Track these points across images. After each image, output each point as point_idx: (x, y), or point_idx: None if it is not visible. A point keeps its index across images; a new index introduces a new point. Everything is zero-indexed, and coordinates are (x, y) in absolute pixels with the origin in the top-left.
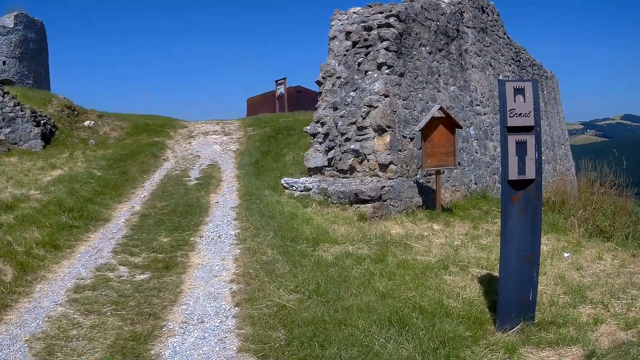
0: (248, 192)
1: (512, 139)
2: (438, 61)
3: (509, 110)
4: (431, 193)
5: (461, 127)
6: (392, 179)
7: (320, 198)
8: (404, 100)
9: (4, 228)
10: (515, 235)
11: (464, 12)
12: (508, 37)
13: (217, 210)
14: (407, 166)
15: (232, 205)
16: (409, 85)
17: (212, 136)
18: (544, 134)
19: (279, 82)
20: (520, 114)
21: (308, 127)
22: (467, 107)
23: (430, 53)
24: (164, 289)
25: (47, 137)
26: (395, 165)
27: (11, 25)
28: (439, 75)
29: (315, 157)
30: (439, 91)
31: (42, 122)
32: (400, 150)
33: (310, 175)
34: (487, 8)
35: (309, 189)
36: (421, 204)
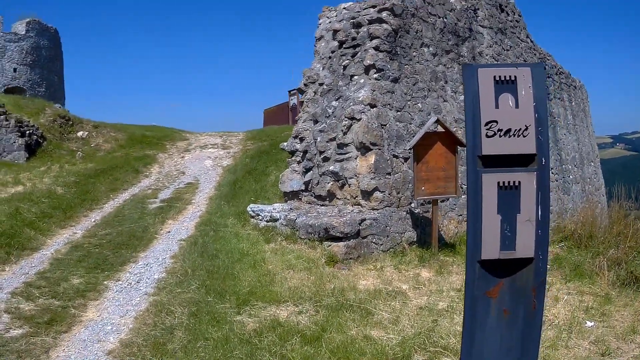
0: (209, 220)
1: (490, 181)
2: (445, 65)
3: (486, 125)
4: (429, 226)
5: (464, 145)
6: (377, 209)
7: (287, 231)
8: (398, 111)
9: None
10: None
11: (478, 9)
12: (531, 41)
13: (161, 244)
14: (398, 193)
15: (182, 236)
16: (405, 93)
17: (209, 150)
18: (572, 150)
19: (292, 92)
20: (509, 130)
21: (285, 144)
22: None
23: (434, 55)
24: (27, 354)
25: (32, 149)
26: (382, 192)
27: (23, 32)
28: (446, 82)
29: (291, 179)
30: (445, 101)
31: (27, 132)
32: (389, 174)
33: (286, 201)
34: (506, 7)
35: (275, 220)
36: (415, 240)
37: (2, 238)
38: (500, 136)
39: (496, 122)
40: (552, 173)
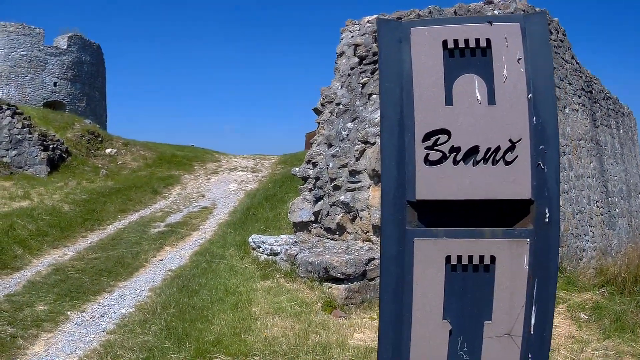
0: (208, 249)
1: (430, 254)
2: None
3: (425, 139)
4: None
5: None
6: None
7: (287, 267)
8: None
9: None
10: None
11: None
12: (577, 63)
13: (147, 273)
14: None
15: (173, 266)
16: None
17: (238, 173)
18: (620, 181)
19: None
20: (474, 151)
21: (297, 169)
22: None
23: None
24: None
25: (54, 163)
26: None
27: (64, 47)
28: None
29: (302, 208)
30: None
31: (51, 146)
32: None
33: (295, 232)
34: (549, 25)
35: (276, 254)
36: None
37: None
38: (455, 162)
39: (447, 133)
40: (597, 206)
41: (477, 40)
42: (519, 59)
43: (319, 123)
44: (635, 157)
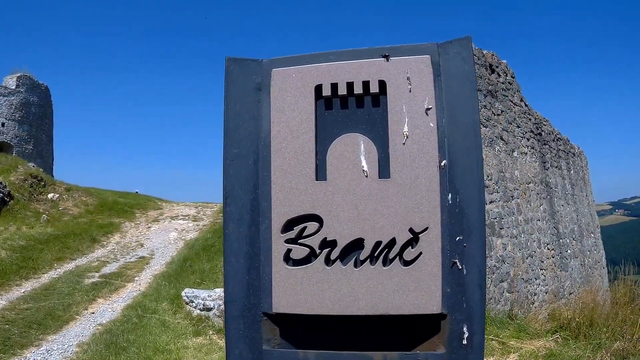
0: (141, 303)
1: None
2: None
3: (286, 229)
4: None
5: None
6: None
7: (220, 324)
8: None
9: None
10: None
11: None
12: (526, 105)
13: (77, 327)
14: None
15: (104, 320)
16: None
17: (179, 221)
18: (571, 222)
19: None
20: (349, 242)
21: None
22: None
23: None
24: None
25: None
26: None
27: (13, 87)
28: None
29: None
30: None
31: None
32: None
33: None
34: (497, 67)
35: (209, 309)
36: None
37: None
38: (328, 261)
39: (318, 220)
40: (548, 249)
41: (366, 84)
42: (428, 109)
43: None
44: (587, 196)
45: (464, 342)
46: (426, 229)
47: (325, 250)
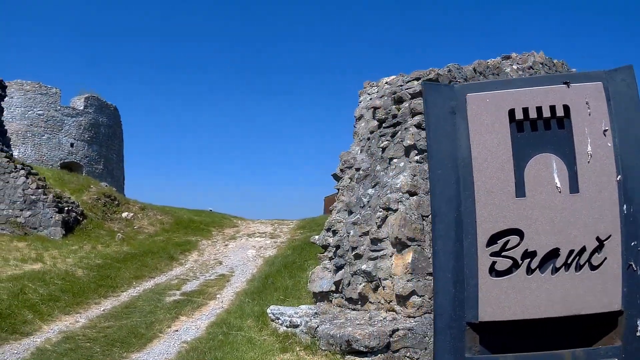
0: (224, 320)
1: None
2: None
3: (491, 243)
4: None
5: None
6: (414, 316)
7: (307, 340)
8: None
9: None
10: None
11: None
12: None
13: (161, 345)
14: None
15: (188, 338)
16: None
17: (256, 239)
18: None
19: None
20: (554, 255)
21: (317, 237)
22: None
23: None
24: None
25: (69, 226)
26: (420, 296)
27: (81, 107)
28: None
29: (322, 277)
30: None
31: (66, 208)
32: (430, 274)
33: (315, 302)
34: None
35: (296, 326)
36: None
37: None
38: (529, 270)
39: (519, 233)
40: None
41: (553, 108)
42: (605, 130)
43: (338, 189)
44: None
45: (638, 334)
46: (609, 236)
47: (526, 261)
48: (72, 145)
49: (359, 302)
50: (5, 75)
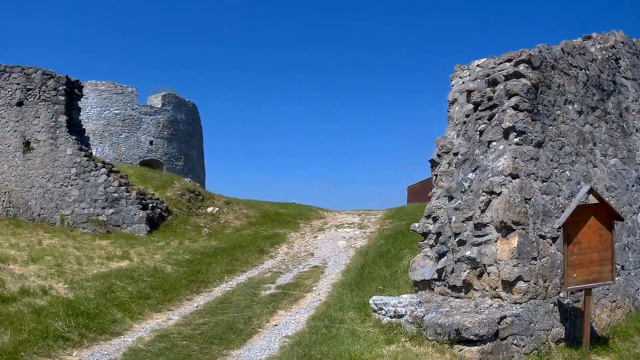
0: (325, 313)
1: None
2: (592, 124)
3: None
4: (579, 318)
5: (622, 219)
6: (520, 302)
7: (412, 330)
8: (543, 181)
9: None
10: None
11: (619, 59)
12: None
13: (262, 340)
14: (544, 282)
15: (288, 332)
16: (551, 160)
17: (345, 229)
18: None
19: None
20: None
21: (416, 225)
22: (632, 185)
23: (580, 113)
24: None
25: (154, 222)
26: (526, 281)
27: (159, 105)
28: (594, 144)
29: (423, 266)
30: (595, 166)
31: (150, 205)
32: (534, 259)
33: (417, 291)
34: None
35: (400, 315)
36: (563, 337)
37: (82, 318)
38: None
39: None
40: None
41: None
42: None
43: (436, 175)
44: None
45: None
46: None
47: None
48: (151, 143)
49: (463, 290)
50: (79, 77)
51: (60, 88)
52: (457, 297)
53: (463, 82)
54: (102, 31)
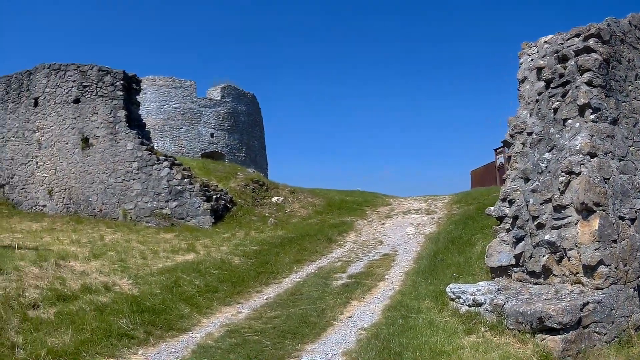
0: (400, 302)
1: None
2: None
3: None
4: None
5: None
6: (601, 288)
7: (493, 319)
8: (620, 160)
9: (25, 325)
10: None
11: None
12: None
13: (336, 333)
14: (625, 266)
15: (364, 324)
16: (626, 137)
17: (412, 216)
18: None
19: (498, 150)
20: None
21: (492, 208)
22: None
23: None
24: None
25: (219, 213)
26: (607, 266)
27: (218, 98)
28: None
29: (500, 251)
30: None
31: (214, 196)
32: (615, 242)
33: (493, 278)
34: None
35: (479, 304)
36: None
37: (147, 314)
38: None
39: None
40: None
41: None
42: None
43: (510, 156)
44: None
45: None
46: None
47: None
48: (212, 135)
49: (542, 276)
50: (135, 73)
51: (118, 83)
52: (536, 284)
53: (532, 60)
54: (159, 27)
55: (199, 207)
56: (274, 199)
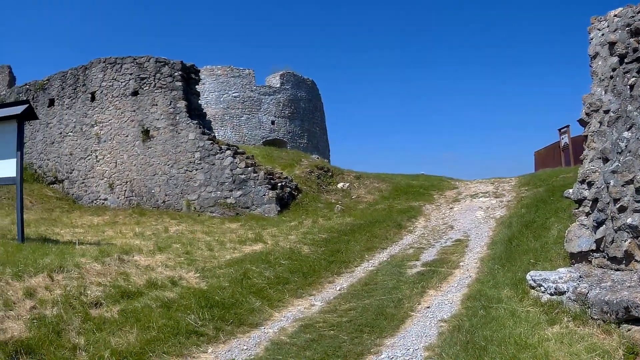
0: (479, 291)
1: None
2: None
3: None
4: None
5: None
6: None
7: (576, 309)
8: None
9: (87, 325)
10: None
11: None
12: None
13: (415, 325)
14: None
15: (443, 315)
16: None
17: (480, 199)
18: None
19: (562, 130)
20: None
21: (570, 191)
22: None
23: None
24: None
25: (284, 201)
26: None
27: (277, 85)
28: None
29: (579, 236)
30: None
31: (279, 184)
32: None
33: (572, 264)
34: None
35: (561, 293)
36: None
37: (216, 309)
38: None
39: None
40: None
41: None
42: None
43: (586, 136)
44: None
45: None
46: None
47: None
48: (273, 122)
49: (623, 261)
50: (194, 62)
51: (176, 74)
52: (617, 270)
53: (602, 35)
54: (212, 18)
55: (264, 195)
56: (340, 185)
